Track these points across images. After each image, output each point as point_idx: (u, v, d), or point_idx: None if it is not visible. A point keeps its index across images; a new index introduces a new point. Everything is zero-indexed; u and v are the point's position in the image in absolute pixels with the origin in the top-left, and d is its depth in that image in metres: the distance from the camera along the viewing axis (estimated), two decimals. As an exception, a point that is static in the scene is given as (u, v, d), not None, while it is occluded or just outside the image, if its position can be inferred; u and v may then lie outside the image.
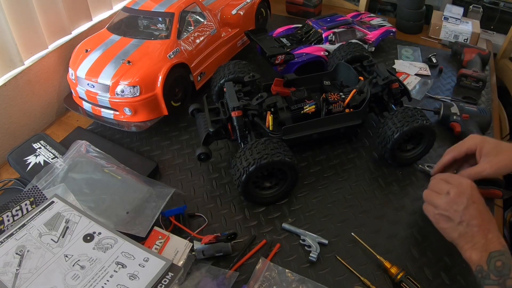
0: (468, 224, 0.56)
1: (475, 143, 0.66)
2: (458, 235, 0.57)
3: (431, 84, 1.11)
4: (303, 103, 0.84)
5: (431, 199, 0.63)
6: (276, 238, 0.73)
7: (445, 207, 0.59)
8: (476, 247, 0.55)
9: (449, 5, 1.38)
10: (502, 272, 0.51)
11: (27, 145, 0.87)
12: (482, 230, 0.55)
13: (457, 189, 0.58)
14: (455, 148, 0.69)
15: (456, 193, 0.58)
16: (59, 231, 0.64)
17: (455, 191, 0.58)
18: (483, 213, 0.56)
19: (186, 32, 0.97)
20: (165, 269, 0.59)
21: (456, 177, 0.62)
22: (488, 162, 0.63)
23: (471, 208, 0.56)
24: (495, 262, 0.52)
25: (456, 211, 0.57)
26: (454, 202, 0.58)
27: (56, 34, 1.01)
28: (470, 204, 0.56)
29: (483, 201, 0.58)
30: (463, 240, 0.57)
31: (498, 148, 0.64)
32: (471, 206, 0.56)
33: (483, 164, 0.64)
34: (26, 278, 0.57)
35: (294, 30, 1.21)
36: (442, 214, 0.59)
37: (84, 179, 0.77)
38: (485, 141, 0.65)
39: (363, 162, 0.88)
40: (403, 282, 0.63)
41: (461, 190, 0.58)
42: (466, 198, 0.57)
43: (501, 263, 0.51)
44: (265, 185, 0.77)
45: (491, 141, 0.65)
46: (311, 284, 0.64)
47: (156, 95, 0.88)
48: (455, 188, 0.58)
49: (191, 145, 0.92)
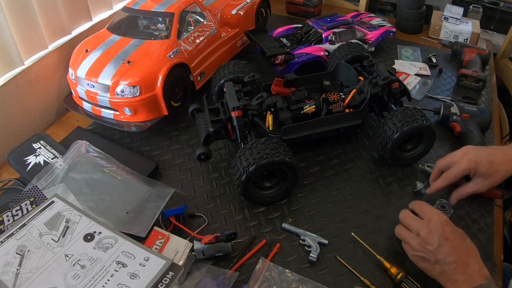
0: (445, 263, 0.55)
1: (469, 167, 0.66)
2: (437, 274, 0.56)
3: (431, 84, 1.11)
4: (303, 103, 0.84)
5: (404, 237, 0.62)
6: (276, 238, 0.73)
7: (418, 249, 0.58)
8: (458, 285, 0.53)
9: (449, 5, 1.38)
10: None
11: (27, 145, 0.87)
12: (460, 266, 0.53)
13: (427, 228, 0.57)
14: (452, 173, 0.68)
15: (426, 233, 0.56)
16: (60, 230, 0.64)
17: (425, 231, 0.57)
18: (458, 248, 0.54)
19: (186, 32, 0.97)
20: (165, 268, 0.59)
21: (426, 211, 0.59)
22: (481, 183, 0.65)
23: (444, 246, 0.54)
24: None
25: (430, 251, 0.56)
26: (426, 242, 0.56)
27: (56, 34, 1.01)
28: (443, 242, 0.54)
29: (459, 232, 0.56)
30: (444, 279, 0.55)
31: (492, 169, 0.64)
32: (444, 244, 0.54)
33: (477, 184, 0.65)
34: (26, 277, 0.57)
35: (294, 30, 1.21)
36: (417, 256, 0.59)
37: (84, 179, 0.77)
38: (479, 163, 0.65)
39: (363, 162, 0.88)
40: (403, 282, 0.63)
41: (430, 229, 0.56)
42: (438, 237, 0.55)
43: None
44: (265, 185, 0.77)
45: (485, 162, 0.64)
46: (311, 284, 0.64)
47: (156, 95, 0.88)
48: (424, 228, 0.57)
49: (191, 145, 0.92)
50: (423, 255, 0.57)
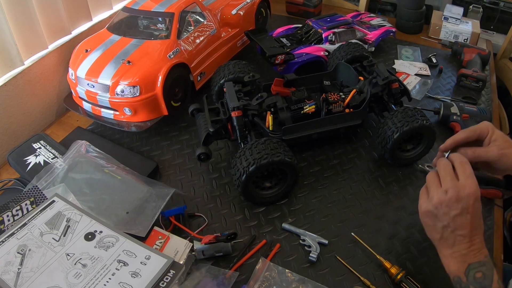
0: (454, 231, 0.53)
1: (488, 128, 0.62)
2: (440, 237, 0.55)
3: (431, 84, 1.11)
4: (303, 103, 0.85)
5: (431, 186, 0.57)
6: (276, 238, 0.73)
7: (437, 205, 0.55)
8: (455, 256, 0.53)
9: (449, 5, 1.38)
10: (482, 284, 0.49)
11: (27, 145, 0.87)
12: (466, 241, 0.53)
13: (457, 193, 0.53)
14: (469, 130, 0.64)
15: (455, 197, 0.53)
16: (60, 230, 0.64)
17: (454, 195, 0.53)
18: (473, 225, 0.53)
19: (186, 32, 0.97)
20: (166, 267, 0.59)
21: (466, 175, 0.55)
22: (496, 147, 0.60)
23: (463, 218, 0.53)
24: (474, 274, 0.50)
25: (446, 214, 0.54)
26: (448, 205, 0.54)
27: (56, 34, 1.01)
28: (464, 213, 0.53)
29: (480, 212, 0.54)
30: (444, 245, 0.55)
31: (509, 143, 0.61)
32: (464, 215, 0.53)
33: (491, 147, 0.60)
34: (28, 277, 0.57)
35: (294, 30, 1.21)
36: (430, 210, 0.56)
37: (84, 179, 0.77)
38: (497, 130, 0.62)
39: (363, 162, 0.88)
40: (403, 282, 0.63)
41: (460, 196, 0.53)
42: (462, 207, 0.53)
43: (481, 274, 0.50)
44: (265, 185, 0.77)
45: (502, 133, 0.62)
46: (311, 284, 0.64)
47: (156, 95, 0.88)
48: (455, 192, 0.53)
49: (191, 145, 0.92)
50: (437, 213, 0.55)
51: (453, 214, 0.53)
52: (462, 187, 0.54)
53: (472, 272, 0.50)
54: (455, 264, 0.53)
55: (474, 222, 0.53)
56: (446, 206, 0.54)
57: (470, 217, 0.53)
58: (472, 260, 0.51)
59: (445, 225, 0.54)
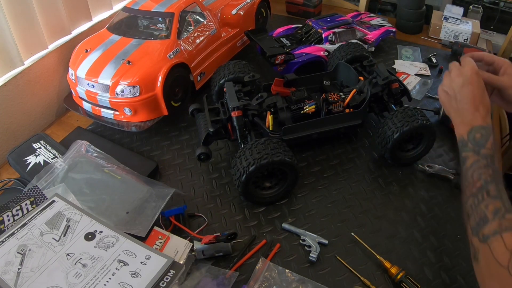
0: (460, 101, 0.63)
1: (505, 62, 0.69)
2: (453, 110, 0.65)
3: (431, 84, 1.11)
4: (303, 103, 0.85)
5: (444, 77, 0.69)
6: (276, 238, 0.73)
7: (446, 83, 0.67)
8: (464, 122, 0.61)
9: (449, 5, 1.38)
10: (479, 143, 0.58)
11: (27, 145, 0.87)
12: (471, 108, 0.61)
13: (458, 70, 0.65)
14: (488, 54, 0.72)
15: (456, 73, 0.65)
16: (60, 230, 0.64)
17: (456, 72, 0.65)
18: (476, 95, 0.62)
19: (186, 32, 0.97)
20: (167, 267, 0.59)
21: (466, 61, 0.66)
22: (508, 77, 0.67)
23: (466, 88, 0.62)
24: (474, 134, 0.59)
25: (452, 88, 0.65)
26: (453, 80, 0.65)
27: (56, 34, 1.01)
28: (466, 84, 0.62)
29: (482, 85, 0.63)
30: (456, 115, 0.64)
31: None
32: (466, 86, 0.62)
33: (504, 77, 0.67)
34: (28, 277, 0.57)
35: (294, 30, 1.21)
36: (443, 89, 0.67)
37: (84, 179, 0.77)
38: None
39: (363, 162, 0.88)
40: (403, 282, 0.63)
41: (461, 72, 0.64)
42: (463, 79, 0.63)
43: (480, 135, 0.58)
44: (265, 185, 0.77)
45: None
46: (311, 284, 0.64)
47: (156, 95, 0.88)
48: (457, 70, 0.65)
49: (191, 145, 0.92)
50: (447, 89, 0.66)
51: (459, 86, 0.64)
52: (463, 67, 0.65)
53: (473, 133, 0.59)
54: (463, 128, 0.61)
55: (477, 92, 0.62)
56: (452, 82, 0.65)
57: (472, 87, 0.62)
58: (475, 124, 0.60)
59: (454, 97, 0.64)
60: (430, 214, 0.77)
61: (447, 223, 0.75)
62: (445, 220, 0.76)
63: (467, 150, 0.59)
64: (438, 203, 0.79)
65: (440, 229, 0.74)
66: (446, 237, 0.73)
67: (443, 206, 0.78)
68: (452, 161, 0.87)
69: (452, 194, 0.80)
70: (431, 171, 0.84)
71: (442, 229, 0.74)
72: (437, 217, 0.76)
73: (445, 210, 0.77)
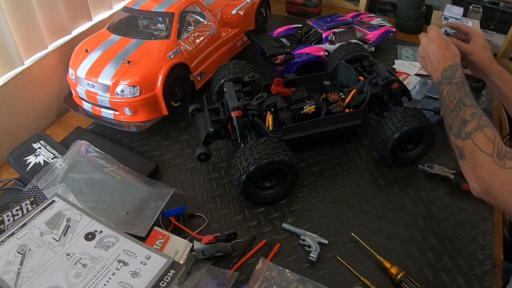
0: (430, 56, 0.74)
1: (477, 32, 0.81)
2: (428, 66, 0.75)
3: (431, 84, 1.11)
4: (303, 103, 0.85)
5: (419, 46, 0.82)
6: (276, 238, 0.73)
7: (419, 50, 0.79)
8: (437, 69, 0.72)
9: (449, 5, 1.37)
10: (450, 76, 0.69)
11: (27, 145, 0.87)
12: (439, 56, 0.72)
13: (425, 36, 0.78)
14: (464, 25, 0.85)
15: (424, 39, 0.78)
16: (61, 230, 0.64)
17: (424, 38, 0.78)
18: (441, 46, 0.73)
19: (186, 32, 0.97)
20: (167, 267, 0.59)
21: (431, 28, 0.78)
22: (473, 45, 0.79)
23: (432, 45, 0.74)
24: (445, 73, 0.70)
25: (424, 50, 0.77)
26: (423, 44, 0.78)
27: (56, 34, 1.01)
28: (432, 42, 0.75)
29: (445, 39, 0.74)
30: (431, 69, 0.74)
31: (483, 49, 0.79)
32: (432, 43, 0.74)
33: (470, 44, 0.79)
34: (28, 276, 0.57)
35: (294, 30, 1.21)
36: (420, 56, 0.79)
37: (84, 179, 0.77)
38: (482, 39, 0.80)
39: (363, 162, 0.88)
40: (403, 282, 0.63)
41: (427, 36, 0.77)
42: (428, 40, 0.76)
43: (449, 71, 0.69)
44: (265, 185, 0.77)
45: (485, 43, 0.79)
46: (311, 284, 0.64)
47: (156, 95, 0.88)
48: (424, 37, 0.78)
49: (191, 145, 0.92)
50: (421, 53, 0.78)
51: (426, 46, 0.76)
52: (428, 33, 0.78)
53: (444, 72, 0.70)
54: (436, 73, 0.72)
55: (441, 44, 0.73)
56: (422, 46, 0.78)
57: (437, 43, 0.74)
58: (445, 66, 0.70)
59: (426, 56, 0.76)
60: (430, 214, 0.77)
61: (447, 223, 0.75)
62: (445, 220, 0.76)
63: (442, 85, 0.69)
64: (438, 203, 0.79)
65: (440, 229, 0.74)
66: (446, 237, 0.73)
67: (443, 206, 0.78)
68: (452, 161, 0.87)
69: (452, 194, 0.80)
70: (431, 171, 0.84)
71: (442, 229, 0.74)
72: (437, 217, 0.76)
73: (445, 210, 0.77)
